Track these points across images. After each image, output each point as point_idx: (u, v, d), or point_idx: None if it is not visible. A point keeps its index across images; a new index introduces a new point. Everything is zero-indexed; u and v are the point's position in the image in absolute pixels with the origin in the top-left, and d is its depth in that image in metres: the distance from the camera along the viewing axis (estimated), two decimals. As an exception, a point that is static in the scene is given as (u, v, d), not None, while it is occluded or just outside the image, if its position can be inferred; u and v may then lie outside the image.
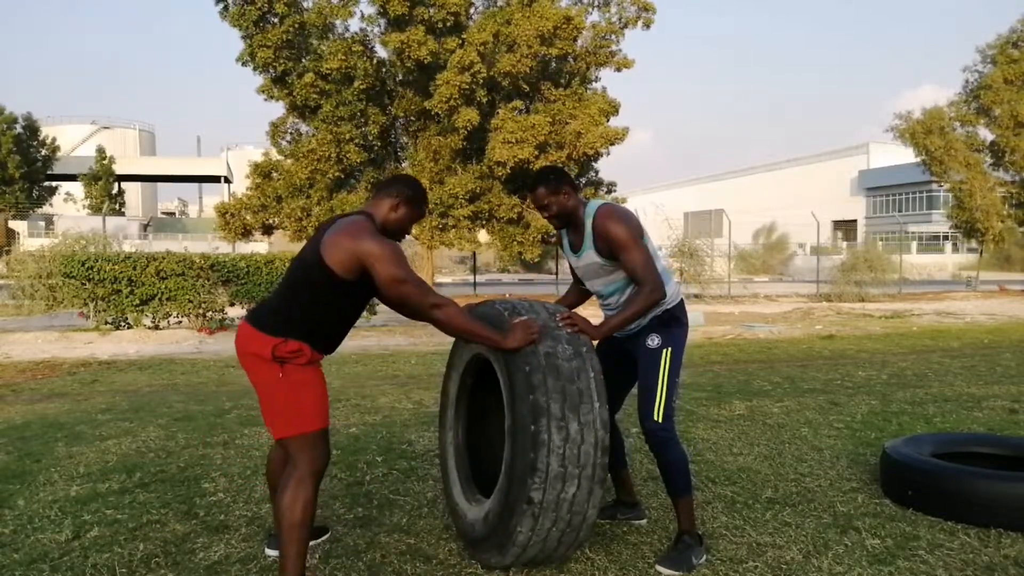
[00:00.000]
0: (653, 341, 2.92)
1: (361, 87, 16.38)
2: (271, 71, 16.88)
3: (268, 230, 18.86)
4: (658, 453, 2.93)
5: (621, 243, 2.83)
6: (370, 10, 16.89)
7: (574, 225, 2.99)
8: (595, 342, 2.77)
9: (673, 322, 2.96)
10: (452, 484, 3.07)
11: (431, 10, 16.12)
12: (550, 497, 2.47)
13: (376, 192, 2.73)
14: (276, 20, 16.37)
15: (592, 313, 3.03)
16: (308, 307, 2.53)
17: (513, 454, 2.52)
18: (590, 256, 2.94)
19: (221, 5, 16.54)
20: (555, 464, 2.45)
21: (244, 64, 16.92)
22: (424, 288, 2.52)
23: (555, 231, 3.17)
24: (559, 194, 2.92)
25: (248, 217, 18.04)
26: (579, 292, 3.25)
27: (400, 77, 17.35)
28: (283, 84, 17.06)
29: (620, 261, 2.86)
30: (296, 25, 16.32)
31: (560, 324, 2.69)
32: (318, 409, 2.55)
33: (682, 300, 3.05)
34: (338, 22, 17.02)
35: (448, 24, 16.34)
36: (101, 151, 47.20)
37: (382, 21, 16.97)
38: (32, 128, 39.76)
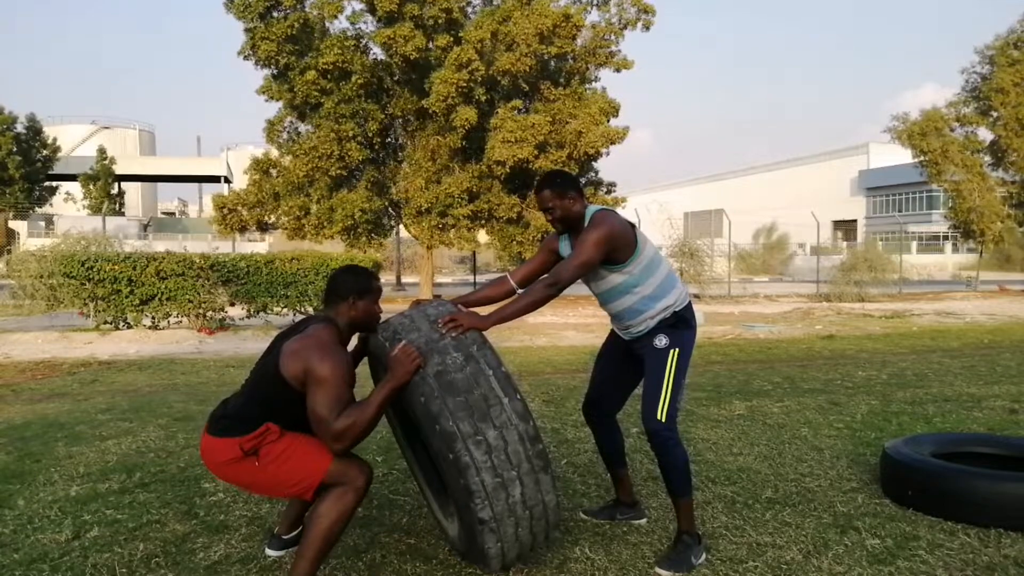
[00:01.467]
0: (661, 341, 2.91)
1: (359, 82, 16.35)
2: (273, 65, 16.81)
3: (264, 227, 18.83)
4: (659, 454, 2.92)
5: (580, 239, 2.81)
6: (359, 7, 16.90)
7: (576, 230, 2.99)
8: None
9: (681, 324, 2.95)
10: (430, 502, 3.04)
11: (423, 8, 16.11)
12: (499, 508, 2.41)
13: (326, 299, 2.68)
14: (281, 15, 16.34)
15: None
16: (268, 409, 2.49)
17: (448, 482, 2.48)
18: None
19: None
20: (488, 479, 2.38)
21: (246, 58, 16.82)
22: (330, 425, 2.38)
23: (549, 231, 3.14)
24: (564, 198, 2.91)
25: (244, 213, 17.99)
26: (503, 288, 3.02)
27: (397, 76, 17.34)
28: (285, 80, 17.01)
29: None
30: (300, 21, 16.31)
31: (443, 331, 2.57)
32: (316, 453, 2.48)
33: (690, 302, 3.04)
34: (332, 24, 17.02)
35: (440, 21, 16.33)
36: (102, 151, 47.21)
37: (369, 18, 16.96)
38: (36, 129, 39.78)
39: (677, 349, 2.91)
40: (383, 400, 2.45)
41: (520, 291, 3.03)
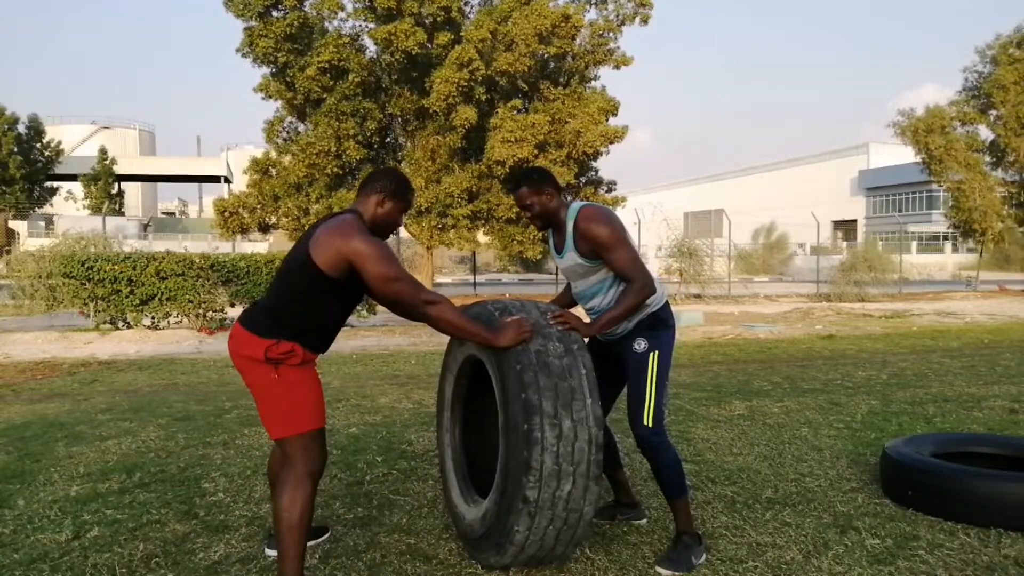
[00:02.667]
0: (640, 345, 2.91)
1: (356, 80, 16.34)
2: (271, 63, 16.78)
3: (265, 228, 18.82)
4: (651, 458, 2.92)
5: (605, 243, 2.82)
6: (359, 5, 16.89)
7: (556, 226, 2.99)
8: (586, 340, 2.78)
9: (659, 324, 2.94)
10: (451, 486, 3.07)
11: (422, 5, 16.10)
12: (545, 495, 2.46)
13: (360, 190, 2.73)
14: (281, 14, 16.33)
15: (584, 316, 3.03)
16: (299, 307, 2.53)
17: (507, 453, 2.53)
18: (572, 257, 2.93)
19: None
20: (549, 462, 2.45)
21: (244, 55, 16.81)
22: (416, 285, 2.52)
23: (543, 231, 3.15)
24: (541, 194, 2.91)
25: (245, 215, 17.99)
26: (573, 293, 3.21)
27: (396, 76, 17.33)
28: (283, 79, 16.99)
29: (606, 261, 2.85)
30: (299, 20, 16.31)
31: (551, 322, 2.68)
32: (314, 409, 2.55)
33: (667, 302, 3.03)
34: (331, 24, 17.01)
35: (439, 19, 16.31)
36: (103, 152, 47.22)
37: (367, 16, 16.96)
38: (38, 130, 39.78)
39: (656, 352, 2.90)
40: (474, 332, 2.56)
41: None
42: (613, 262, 2.83)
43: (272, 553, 2.90)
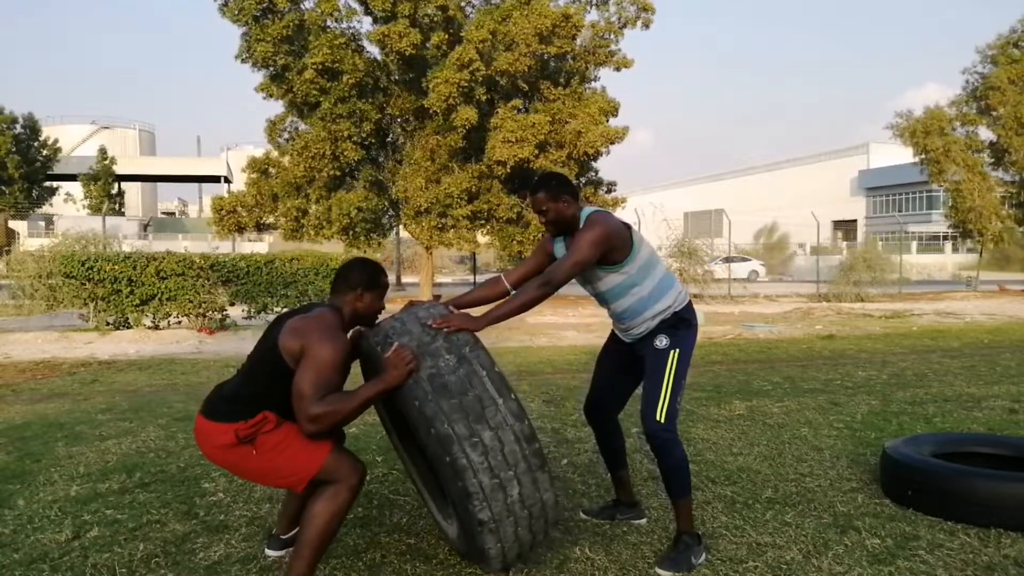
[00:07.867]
0: (661, 342, 2.91)
1: (351, 81, 16.31)
2: (270, 67, 16.77)
3: (262, 228, 18.78)
4: (659, 455, 2.91)
5: (575, 239, 2.82)
6: (355, 6, 16.91)
7: (570, 233, 2.97)
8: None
9: (682, 324, 2.95)
10: (429, 504, 3.03)
11: (417, 6, 16.09)
12: (498, 509, 2.41)
13: (335, 287, 2.70)
14: (276, 16, 16.32)
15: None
16: (263, 391, 2.47)
17: (446, 484, 2.48)
18: None
19: (220, 0, 16.46)
20: (486, 480, 2.37)
21: (243, 61, 16.80)
22: (312, 403, 2.35)
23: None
24: (558, 201, 2.89)
25: (243, 214, 17.96)
26: (497, 289, 3.00)
27: (395, 76, 17.31)
28: (282, 81, 16.98)
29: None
30: (296, 22, 16.28)
31: (435, 332, 2.55)
32: (312, 446, 2.45)
33: (690, 302, 3.03)
34: (331, 23, 16.98)
35: (437, 19, 16.30)
36: (103, 151, 47.20)
37: (366, 19, 16.97)
38: (33, 129, 39.77)
39: (677, 350, 2.90)
40: (369, 398, 2.44)
41: (514, 292, 3.01)
42: (565, 253, 2.84)
43: (272, 553, 2.90)
